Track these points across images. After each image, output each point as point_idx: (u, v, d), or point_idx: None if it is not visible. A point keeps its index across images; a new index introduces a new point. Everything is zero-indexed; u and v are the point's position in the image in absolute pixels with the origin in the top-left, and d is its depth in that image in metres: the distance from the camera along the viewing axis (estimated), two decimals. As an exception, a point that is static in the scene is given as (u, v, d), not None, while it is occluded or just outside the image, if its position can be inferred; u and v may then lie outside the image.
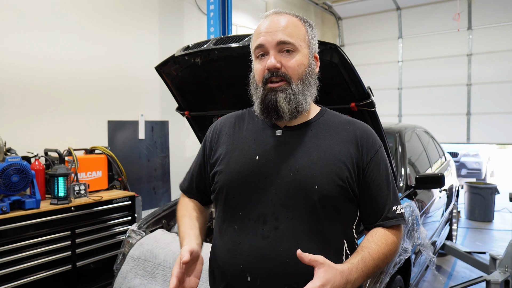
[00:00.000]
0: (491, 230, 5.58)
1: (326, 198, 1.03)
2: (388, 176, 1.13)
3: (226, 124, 1.25)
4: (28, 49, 3.21)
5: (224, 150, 1.17)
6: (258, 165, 1.09)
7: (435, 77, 7.39)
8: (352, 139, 1.11)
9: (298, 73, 1.07)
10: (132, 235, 2.36)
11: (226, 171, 1.12)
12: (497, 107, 6.86)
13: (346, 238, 1.09)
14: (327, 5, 7.95)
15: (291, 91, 1.06)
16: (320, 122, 1.15)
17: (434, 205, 3.25)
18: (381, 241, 1.05)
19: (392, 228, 1.10)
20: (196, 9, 5.01)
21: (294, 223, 1.03)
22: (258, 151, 1.11)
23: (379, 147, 1.13)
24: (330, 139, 1.10)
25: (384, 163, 1.13)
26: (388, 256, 1.04)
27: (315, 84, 1.13)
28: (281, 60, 1.05)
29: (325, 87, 2.10)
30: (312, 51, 1.13)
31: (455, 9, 6.58)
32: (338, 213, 1.06)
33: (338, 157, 1.07)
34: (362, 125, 1.16)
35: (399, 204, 1.12)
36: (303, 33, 1.09)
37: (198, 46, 2.16)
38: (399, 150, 2.91)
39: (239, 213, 1.09)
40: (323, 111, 1.20)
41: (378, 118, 2.07)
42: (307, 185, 1.03)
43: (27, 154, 2.95)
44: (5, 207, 2.44)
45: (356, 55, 7.80)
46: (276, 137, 1.12)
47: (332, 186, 1.03)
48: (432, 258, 2.56)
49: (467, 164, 9.27)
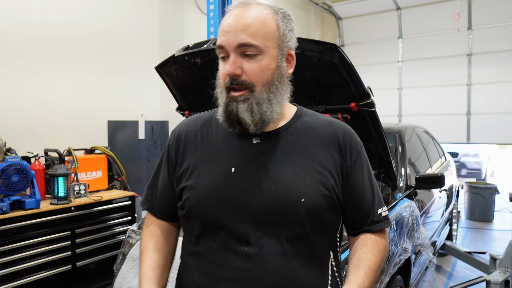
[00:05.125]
0: (491, 230, 5.58)
1: (313, 211, 0.94)
2: (371, 178, 1.06)
3: (191, 129, 1.09)
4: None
5: (193, 162, 1.02)
6: (235, 178, 0.96)
7: (435, 77, 7.39)
8: (334, 142, 1.02)
9: (263, 79, 0.93)
10: (132, 235, 2.35)
11: (198, 187, 0.98)
12: (497, 107, 6.86)
13: (332, 249, 1.02)
14: (327, 5, 7.95)
15: (254, 101, 0.93)
16: (299, 125, 1.03)
17: (434, 205, 3.25)
18: (375, 249, 1.01)
19: (380, 232, 1.05)
20: (196, 9, 5.01)
21: (280, 241, 0.93)
22: (234, 162, 0.98)
23: (361, 148, 1.06)
24: (312, 144, 1.00)
25: (367, 165, 1.06)
26: (383, 263, 1.02)
27: (286, 88, 1.00)
28: (242, 65, 0.92)
29: (325, 87, 2.11)
30: (284, 49, 0.97)
31: (455, 9, 6.58)
32: (324, 225, 0.98)
33: (322, 163, 0.98)
34: (343, 126, 1.07)
35: (383, 206, 1.07)
36: (272, 30, 0.94)
37: (198, 46, 2.16)
38: (399, 150, 2.91)
39: (219, 232, 0.96)
40: (300, 111, 1.08)
41: (378, 118, 2.07)
42: (292, 199, 0.93)
43: (27, 154, 2.95)
44: (5, 207, 2.44)
45: (356, 55, 7.79)
46: (253, 145, 0.99)
47: (319, 198, 0.94)
48: (432, 259, 2.56)
49: (467, 164, 9.28)
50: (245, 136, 0.99)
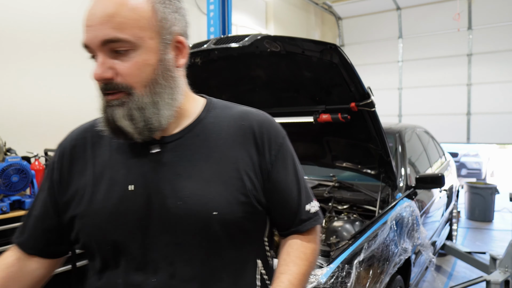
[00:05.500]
0: (491, 230, 5.58)
1: (229, 223, 0.81)
2: (296, 172, 0.92)
3: (78, 143, 0.91)
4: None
5: (82, 183, 0.85)
6: (134, 197, 0.80)
7: (435, 77, 7.41)
8: (249, 137, 0.86)
9: (142, 79, 0.76)
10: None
11: (90, 215, 0.82)
12: (497, 107, 6.87)
13: (259, 258, 0.90)
14: (327, 5, 7.95)
15: (134, 106, 0.76)
16: (208, 122, 0.87)
17: (434, 205, 3.25)
18: (300, 256, 0.89)
19: (309, 232, 0.94)
20: (196, 9, 5.01)
21: (194, 264, 0.80)
22: (131, 179, 0.81)
23: (283, 139, 0.91)
24: (224, 144, 0.85)
25: (291, 157, 0.92)
26: (310, 269, 0.91)
27: (178, 83, 0.82)
28: (113, 65, 0.75)
29: (325, 87, 2.12)
30: (166, 38, 0.78)
31: (455, 9, 6.59)
32: (246, 234, 0.85)
33: (237, 165, 0.83)
34: (258, 116, 0.91)
35: (311, 201, 0.94)
36: (146, 16, 0.74)
37: (198, 46, 2.16)
38: (399, 150, 2.91)
39: (121, 264, 0.81)
40: (210, 104, 0.92)
41: (378, 118, 2.07)
42: (203, 214, 0.79)
43: (27, 154, 2.95)
44: (5, 207, 2.44)
45: (356, 55, 7.81)
46: (153, 155, 0.82)
47: (234, 207, 0.81)
48: (432, 259, 2.57)
49: (467, 164, 9.28)
50: (143, 145, 0.82)
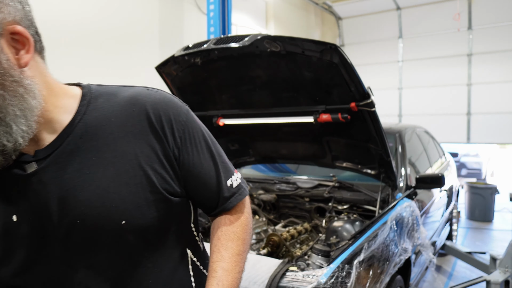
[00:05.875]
0: (491, 230, 5.58)
1: (143, 229, 0.73)
2: (209, 148, 0.83)
3: None
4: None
5: None
6: (20, 228, 0.69)
7: (435, 77, 7.41)
8: (144, 124, 0.74)
9: None
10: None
11: None
12: (497, 107, 6.88)
13: (188, 247, 0.86)
14: (327, 5, 7.96)
15: None
16: (91, 117, 0.72)
17: (434, 205, 3.25)
18: (230, 238, 0.84)
19: (235, 208, 0.87)
20: (196, 9, 5.02)
21: (114, 282, 0.73)
22: (12, 209, 0.69)
23: (186, 115, 0.80)
24: (115, 139, 0.72)
25: (199, 133, 0.81)
26: (245, 247, 0.86)
27: (27, 87, 0.64)
28: None
29: (325, 87, 2.12)
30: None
31: (455, 9, 6.59)
32: (167, 231, 0.78)
33: (137, 161, 0.72)
34: (150, 96, 0.77)
35: (232, 174, 0.87)
36: None
37: (198, 46, 2.16)
38: (399, 150, 2.91)
39: None
40: (88, 94, 0.75)
41: (378, 118, 2.06)
42: (109, 227, 0.70)
43: (27, 154, 2.95)
44: (5, 207, 2.44)
45: (356, 55, 7.81)
46: (29, 176, 0.68)
47: (145, 208, 0.72)
48: (432, 259, 2.57)
49: (467, 164, 9.28)
50: (16, 166, 0.68)
